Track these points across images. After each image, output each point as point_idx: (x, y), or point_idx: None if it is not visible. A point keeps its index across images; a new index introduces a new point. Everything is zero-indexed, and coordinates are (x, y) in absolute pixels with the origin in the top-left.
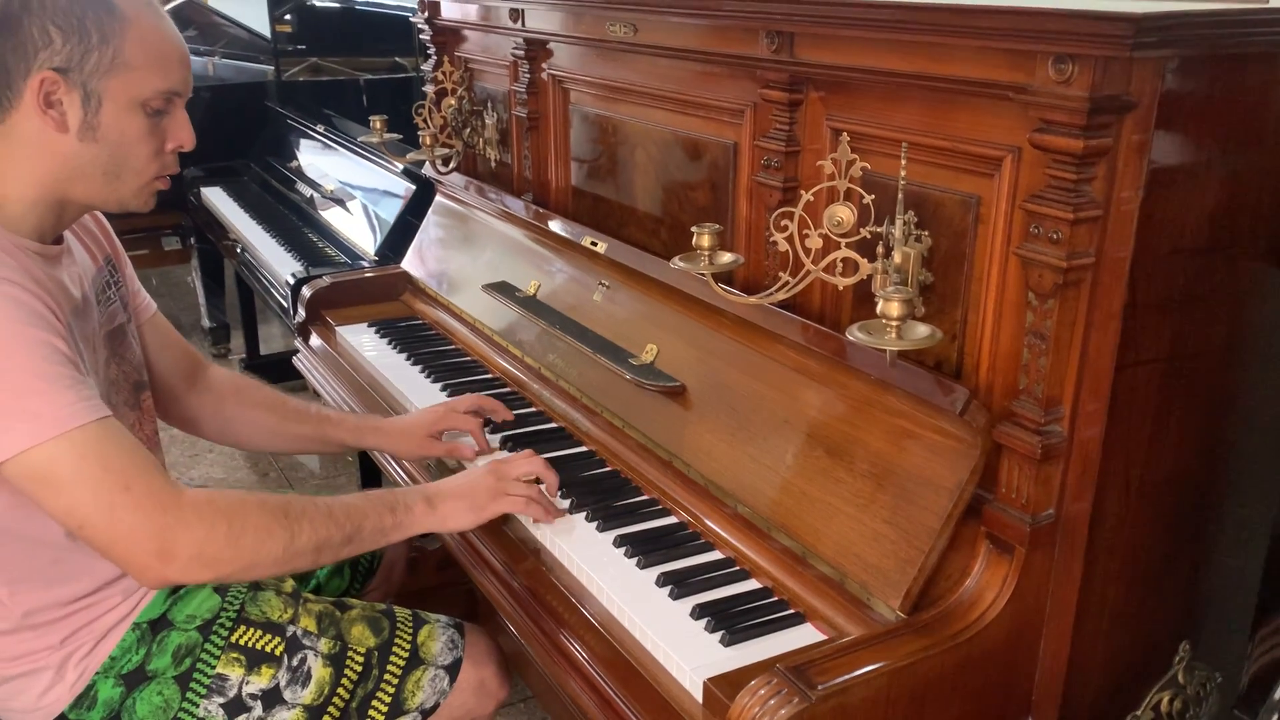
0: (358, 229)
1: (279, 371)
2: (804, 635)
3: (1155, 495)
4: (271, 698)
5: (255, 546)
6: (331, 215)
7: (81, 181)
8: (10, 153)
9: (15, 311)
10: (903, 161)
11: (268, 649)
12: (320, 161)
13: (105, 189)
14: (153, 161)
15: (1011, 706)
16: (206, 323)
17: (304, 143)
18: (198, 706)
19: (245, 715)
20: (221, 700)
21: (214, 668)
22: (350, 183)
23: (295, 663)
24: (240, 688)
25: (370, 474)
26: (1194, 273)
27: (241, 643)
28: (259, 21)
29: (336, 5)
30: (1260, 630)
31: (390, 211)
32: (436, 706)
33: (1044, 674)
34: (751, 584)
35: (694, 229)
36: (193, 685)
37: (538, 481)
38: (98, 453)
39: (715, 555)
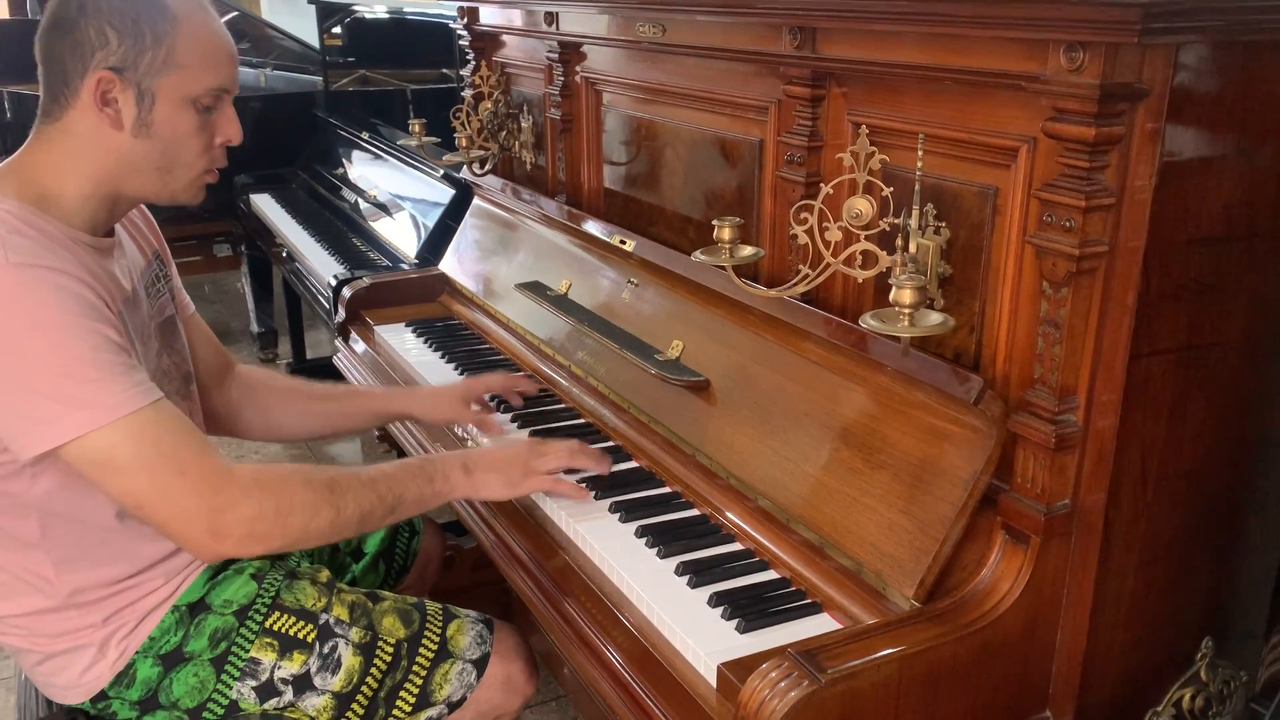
0: (400, 233)
1: (324, 375)
2: (820, 624)
3: (1174, 487)
4: (302, 683)
5: (303, 523)
6: (375, 220)
7: (135, 176)
8: (67, 148)
9: (69, 303)
10: (919, 153)
11: (300, 635)
12: (365, 169)
13: (158, 183)
14: (202, 156)
15: (1028, 698)
16: (255, 328)
17: (350, 151)
18: (231, 688)
19: (276, 699)
20: (254, 683)
21: (248, 651)
22: (393, 189)
23: (326, 650)
24: (272, 672)
25: None
26: (1210, 262)
27: (275, 628)
28: (309, 34)
29: (385, 18)
30: (1274, 635)
31: (431, 216)
32: (464, 700)
33: (1061, 666)
34: (770, 574)
35: (715, 222)
36: (227, 668)
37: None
38: (152, 437)
39: (735, 546)
